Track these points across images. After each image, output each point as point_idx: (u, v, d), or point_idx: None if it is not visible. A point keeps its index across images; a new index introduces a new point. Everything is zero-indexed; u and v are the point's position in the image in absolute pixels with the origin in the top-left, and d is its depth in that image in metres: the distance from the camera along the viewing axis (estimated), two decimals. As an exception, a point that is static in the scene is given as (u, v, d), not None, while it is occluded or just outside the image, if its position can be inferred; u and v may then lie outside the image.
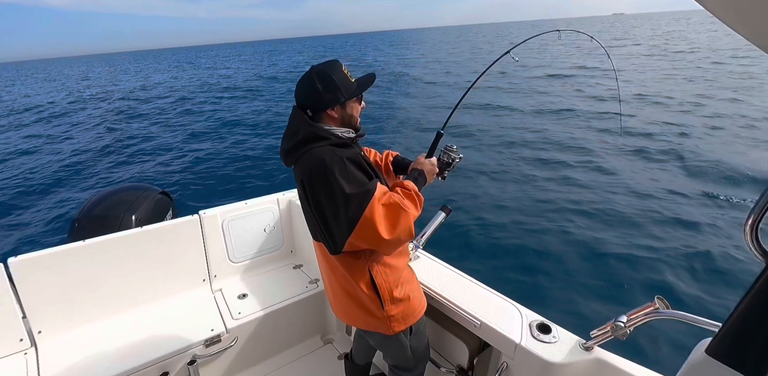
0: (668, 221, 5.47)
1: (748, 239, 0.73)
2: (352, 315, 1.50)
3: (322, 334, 2.59)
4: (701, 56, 24.11)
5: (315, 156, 1.26)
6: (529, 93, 15.29)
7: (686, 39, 40.90)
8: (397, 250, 1.41)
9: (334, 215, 1.24)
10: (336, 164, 1.23)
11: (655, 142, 8.72)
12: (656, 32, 55.89)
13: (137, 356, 1.86)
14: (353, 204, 1.20)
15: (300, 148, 1.31)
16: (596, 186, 6.68)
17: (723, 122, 10.00)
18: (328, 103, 1.32)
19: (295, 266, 2.69)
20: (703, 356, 0.77)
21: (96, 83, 31.91)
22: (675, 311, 1.17)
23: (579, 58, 16.87)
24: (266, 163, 8.80)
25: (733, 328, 0.74)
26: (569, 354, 1.40)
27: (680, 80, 16.32)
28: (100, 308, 2.09)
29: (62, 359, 1.86)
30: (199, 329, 2.06)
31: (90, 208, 2.85)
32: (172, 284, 2.29)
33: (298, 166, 1.32)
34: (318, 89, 1.30)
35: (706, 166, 7.20)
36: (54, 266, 1.93)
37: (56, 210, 6.66)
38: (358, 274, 1.38)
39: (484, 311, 1.61)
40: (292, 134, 1.34)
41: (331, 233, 1.28)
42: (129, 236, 2.11)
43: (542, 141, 9.29)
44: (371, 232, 1.22)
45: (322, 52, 58.89)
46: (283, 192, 2.70)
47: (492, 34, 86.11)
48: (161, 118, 14.45)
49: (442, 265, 1.98)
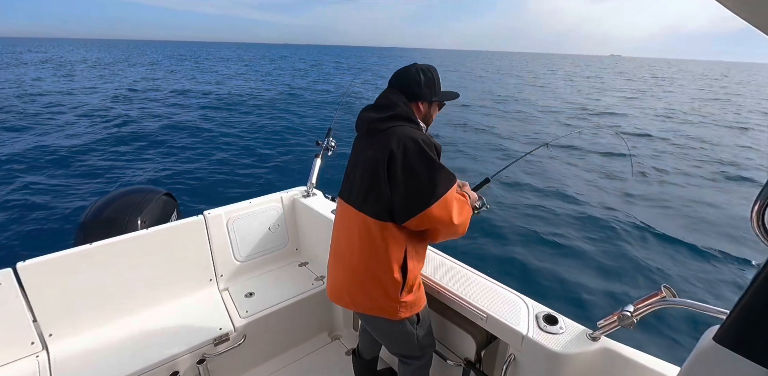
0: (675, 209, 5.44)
1: (755, 224, 0.72)
2: (362, 296, 1.49)
3: (329, 330, 2.61)
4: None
5: (409, 132, 1.36)
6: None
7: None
8: (445, 239, 1.48)
9: (423, 185, 1.32)
10: (428, 145, 1.34)
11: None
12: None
13: (147, 357, 1.88)
14: (443, 181, 1.32)
15: (391, 120, 1.39)
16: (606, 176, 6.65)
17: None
18: (422, 96, 1.46)
19: (300, 263, 2.70)
20: (711, 344, 0.77)
21: (96, 74, 31.65)
22: (682, 299, 1.17)
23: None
24: (270, 163, 8.81)
25: (740, 315, 0.74)
26: (576, 345, 1.40)
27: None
28: (109, 309, 2.11)
29: (73, 360, 1.88)
30: (207, 329, 2.07)
31: (96, 211, 2.86)
32: (179, 284, 2.31)
33: (382, 136, 1.37)
34: (420, 81, 1.44)
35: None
36: (62, 270, 1.95)
37: (62, 214, 6.71)
38: (395, 253, 1.41)
39: (490, 304, 1.61)
40: (384, 107, 1.43)
41: (407, 201, 1.33)
42: (135, 238, 2.12)
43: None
44: (446, 211, 1.33)
45: (337, 61, 58.50)
46: (287, 190, 2.71)
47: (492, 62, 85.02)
48: (161, 118, 14.47)
49: (448, 259, 1.98)
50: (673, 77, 48.97)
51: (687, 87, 31.97)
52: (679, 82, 39.83)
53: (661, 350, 3.24)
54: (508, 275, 4.20)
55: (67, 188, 7.94)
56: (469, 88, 24.97)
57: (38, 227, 6.31)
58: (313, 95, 20.29)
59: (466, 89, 24.92)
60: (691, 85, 34.60)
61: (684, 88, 27.01)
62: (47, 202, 7.34)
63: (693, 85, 35.19)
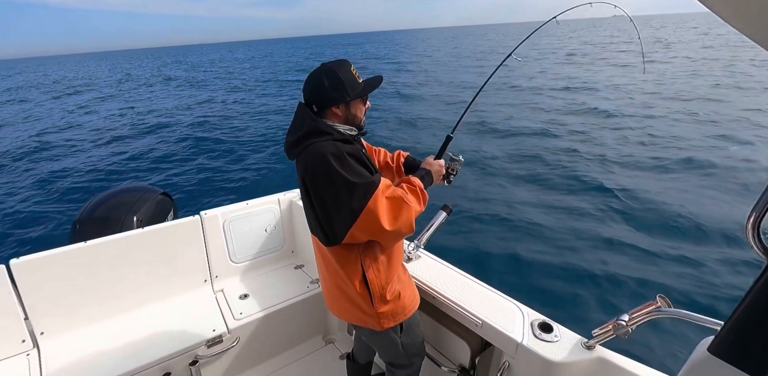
0: (672, 217, 5.47)
1: (750, 236, 0.73)
2: (342, 309, 1.53)
3: (323, 334, 2.59)
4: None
5: (317, 149, 1.29)
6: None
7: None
8: (395, 243, 1.44)
9: (337, 206, 1.26)
10: (337, 157, 1.26)
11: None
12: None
13: (139, 357, 1.87)
14: (357, 194, 1.23)
15: (303, 141, 1.33)
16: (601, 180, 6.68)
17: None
18: (333, 101, 1.35)
19: (296, 266, 2.69)
20: (705, 355, 0.77)
21: (91, 81, 31.73)
22: (677, 309, 1.17)
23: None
24: (268, 164, 8.81)
25: (735, 326, 0.74)
26: (571, 353, 1.39)
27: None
28: (102, 308, 2.09)
29: (64, 360, 1.86)
30: (200, 330, 2.06)
31: (91, 209, 2.85)
32: (173, 284, 2.29)
33: (300, 159, 1.35)
34: (325, 86, 1.34)
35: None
36: (56, 268, 1.93)
37: (57, 211, 6.67)
38: (350, 268, 1.40)
39: (485, 311, 1.61)
40: (296, 129, 1.37)
41: (331, 223, 1.31)
42: (130, 237, 2.11)
43: (547, 135, 9.30)
44: (374, 222, 1.25)
45: (323, 51, 58.80)
46: (284, 192, 2.70)
47: (495, 36, 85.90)
48: (161, 118, 14.46)
49: (443, 264, 1.98)
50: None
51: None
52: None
53: (655, 359, 3.24)
54: (503, 282, 4.20)
55: (61, 186, 7.90)
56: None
57: (33, 225, 6.27)
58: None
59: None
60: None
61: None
62: (42, 199, 7.30)
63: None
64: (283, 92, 20.48)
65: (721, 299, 3.94)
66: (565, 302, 4.01)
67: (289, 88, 21.58)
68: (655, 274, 4.40)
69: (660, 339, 3.42)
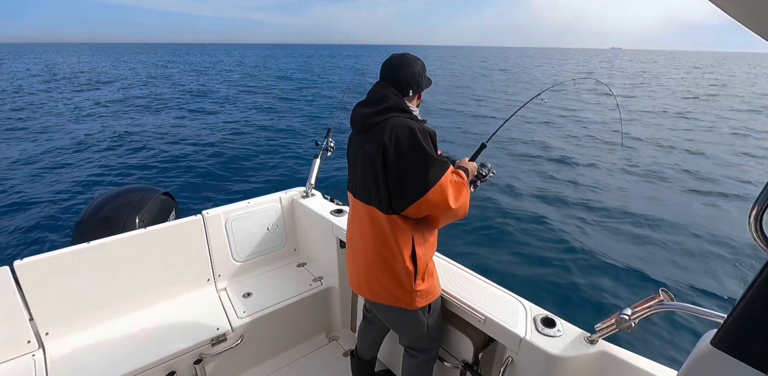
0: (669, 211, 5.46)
1: (752, 229, 0.72)
2: (377, 285, 1.53)
3: (327, 331, 2.60)
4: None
5: (403, 122, 1.39)
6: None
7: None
8: (447, 224, 1.51)
9: (414, 175, 1.35)
10: (422, 133, 1.37)
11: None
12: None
13: (144, 356, 1.88)
14: (435, 168, 1.35)
15: (384, 113, 1.42)
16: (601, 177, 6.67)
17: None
18: (419, 87, 1.53)
19: (298, 264, 2.70)
20: (708, 348, 0.77)
21: (92, 73, 31.41)
22: (679, 302, 1.17)
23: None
24: (269, 163, 8.81)
25: (738, 319, 0.74)
26: (574, 348, 1.39)
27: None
28: (106, 308, 2.10)
29: (69, 360, 1.87)
30: (204, 329, 2.07)
31: (93, 210, 2.85)
32: (176, 284, 2.30)
33: (379, 128, 1.40)
34: (418, 72, 1.49)
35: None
36: (59, 268, 1.94)
37: (60, 212, 6.69)
38: (403, 240, 1.44)
39: (488, 306, 1.61)
40: (376, 102, 1.45)
41: (402, 190, 1.38)
42: (133, 237, 2.11)
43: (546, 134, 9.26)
44: (442, 198, 1.36)
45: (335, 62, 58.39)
46: (286, 191, 2.70)
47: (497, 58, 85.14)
48: (161, 117, 14.46)
49: (446, 260, 1.98)
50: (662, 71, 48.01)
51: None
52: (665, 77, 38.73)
53: (658, 353, 3.25)
54: (506, 277, 4.20)
55: (62, 187, 7.92)
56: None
57: (36, 225, 6.29)
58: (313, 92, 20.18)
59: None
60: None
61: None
62: (45, 200, 7.32)
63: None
64: (279, 95, 20.44)
65: (724, 292, 3.94)
66: (568, 296, 4.01)
67: (282, 91, 21.52)
68: (659, 266, 4.40)
69: (663, 333, 3.43)
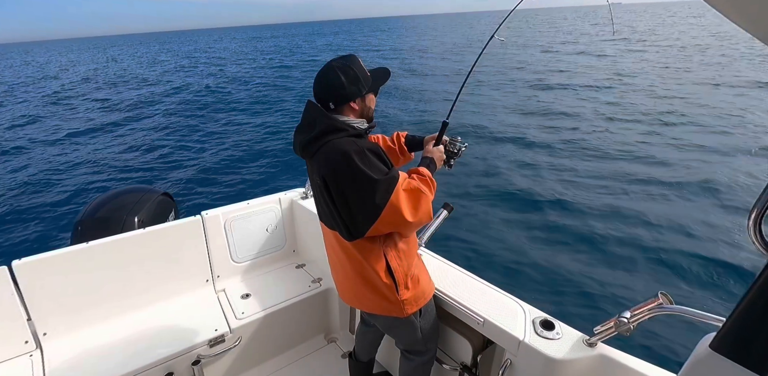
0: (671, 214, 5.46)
1: (751, 232, 0.72)
2: (364, 300, 1.55)
3: (325, 333, 2.60)
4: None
5: (336, 147, 1.30)
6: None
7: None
8: (413, 232, 1.49)
9: (360, 202, 1.29)
10: (359, 154, 1.28)
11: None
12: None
13: (142, 357, 1.87)
14: (380, 190, 1.27)
15: (318, 140, 1.35)
16: (600, 176, 6.68)
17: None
18: (352, 95, 1.38)
19: (297, 265, 2.69)
20: (707, 351, 0.77)
21: (81, 71, 31.11)
22: (679, 306, 1.17)
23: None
24: (268, 163, 8.81)
25: (737, 322, 0.74)
26: (573, 350, 1.39)
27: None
28: (104, 309, 2.10)
29: (67, 360, 1.87)
30: (202, 330, 2.07)
31: (92, 210, 2.85)
32: (175, 284, 2.30)
33: (317, 157, 1.35)
34: (343, 83, 1.35)
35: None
36: (58, 269, 1.94)
37: (59, 213, 6.68)
38: (374, 259, 1.43)
39: (487, 309, 1.61)
40: (308, 127, 1.38)
41: (354, 219, 1.33)
42: (132, 238, 2.11)
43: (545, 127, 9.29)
44: (397, 216, 1.30)
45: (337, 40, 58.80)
46: (285, 192, 2.70)
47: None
48: (161, 117, 14.45)
49: (445, 262, 1.98)
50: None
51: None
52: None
53: (657, 356, 3.24)
54: (505, 279, 4.20)
55: (62, 188, 7.91)
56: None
57: (35, 225, 6.28)
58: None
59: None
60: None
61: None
62: (44, 200, 7.31)
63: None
64: (288, 86, 20.43)
65: (724, 296, 3.94)
66: (567, 299, 4.01)
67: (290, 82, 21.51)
68: (657, 270, 4.40)
69: (662, 336, 3.42)
